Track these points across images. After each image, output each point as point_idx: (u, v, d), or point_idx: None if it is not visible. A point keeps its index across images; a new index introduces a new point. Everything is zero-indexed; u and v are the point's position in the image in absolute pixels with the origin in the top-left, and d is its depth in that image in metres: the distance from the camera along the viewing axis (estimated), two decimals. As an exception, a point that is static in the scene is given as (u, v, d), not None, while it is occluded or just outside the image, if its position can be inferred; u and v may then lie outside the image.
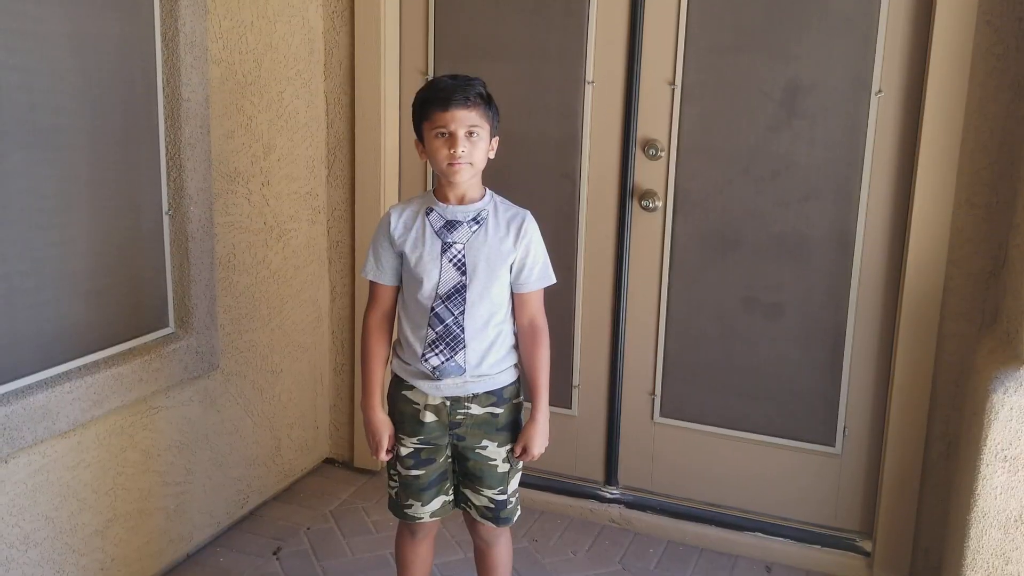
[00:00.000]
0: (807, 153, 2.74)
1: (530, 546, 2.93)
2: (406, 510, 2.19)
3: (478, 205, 2.07)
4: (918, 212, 2.57)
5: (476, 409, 2.10)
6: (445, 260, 2.03)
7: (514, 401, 2.16)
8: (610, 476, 3.14)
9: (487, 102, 2.05)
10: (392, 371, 2.18)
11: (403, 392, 2.13)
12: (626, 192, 2.95)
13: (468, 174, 2.03)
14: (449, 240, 2.04)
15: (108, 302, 2.45)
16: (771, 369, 2.89)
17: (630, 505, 3.08)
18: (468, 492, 2.18)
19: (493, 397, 2.11)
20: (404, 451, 2.14)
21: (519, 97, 3.02)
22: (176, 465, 2.69)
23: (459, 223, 2.05)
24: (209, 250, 2.71)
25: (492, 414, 2.11)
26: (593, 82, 2.94)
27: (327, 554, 2.85)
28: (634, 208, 2.96)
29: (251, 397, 2.99)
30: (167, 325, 2.65)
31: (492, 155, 2.08)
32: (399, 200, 3.21)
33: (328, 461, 3.46)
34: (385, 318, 2.15)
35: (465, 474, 2.16)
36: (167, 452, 2.65)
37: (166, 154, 2.57)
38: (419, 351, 2.06)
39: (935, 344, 2.61)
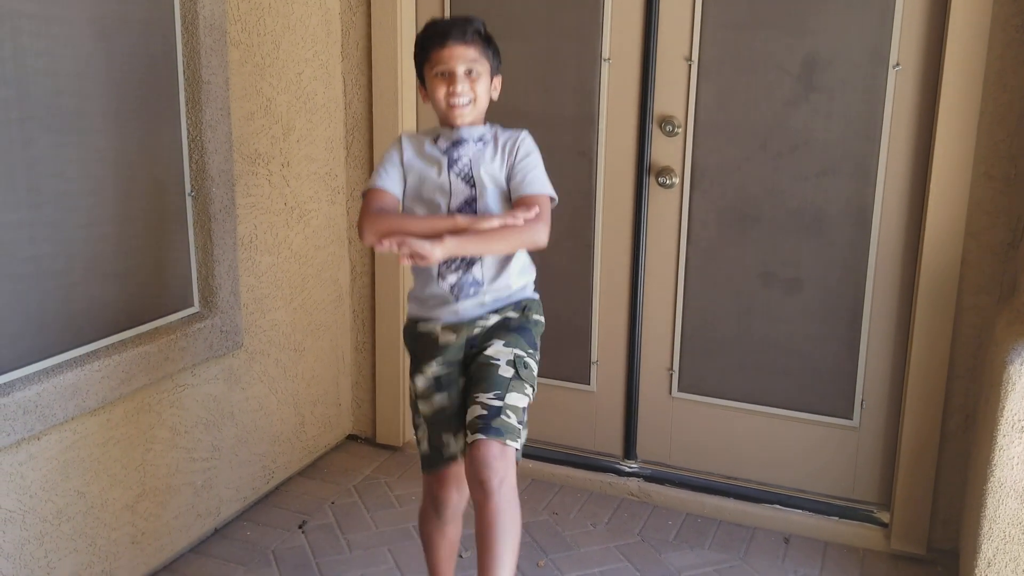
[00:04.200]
0: (824, 128, 2.74)
1: (550, 519, 2.98)
2: (444, 450, 2.09)
3: (482, 129, 2.09)
4: (936, 185, 2.57)
5: (493, 319, 2.09)
6: (452, 174, 2.04)
7: (534, 315, 2.12)
8: (629, 450, 3.18)
9: (486, 40, 2.05)
10: (408, 316, 2.17)
11: (418, 326, 2.11)
12: (643, 169, 2.97)
13: (470, 115, 2.04)
14: (455, 155, 2.05)
15: (134, 282, 2.50)
16: (789, 343, 2.91)
17: (649, 479, 3.12)
18: (467, 411, 2.01)
19: (510, 308, 2.10)
20: (424, 383, 2.08)
21: (536, 75, 3.03)
22: (203, 441, 2.75)
23: (465, 141, 2.07)
24: (232, 231, 2.75)
25: (507, 318, 2.09)
26: (609, 59, 2.95)
27: (351, 527, 2.91)
28: (651, 185, 2.97)
29: (275, 375, 3.04)
30: (192, 305, 2.70)
31: (495, 95, 2.10)
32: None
33: (351, 437, 3.51)
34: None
35: (468, 385, 2.06)
36: (194, 429, 2.71)
37: (188, 136, 2.61)
38: (434, 272, 2.05)
39: (953, 317, 2.62)
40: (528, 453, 3.23)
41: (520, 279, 2.12)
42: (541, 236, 2.00)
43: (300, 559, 2.73)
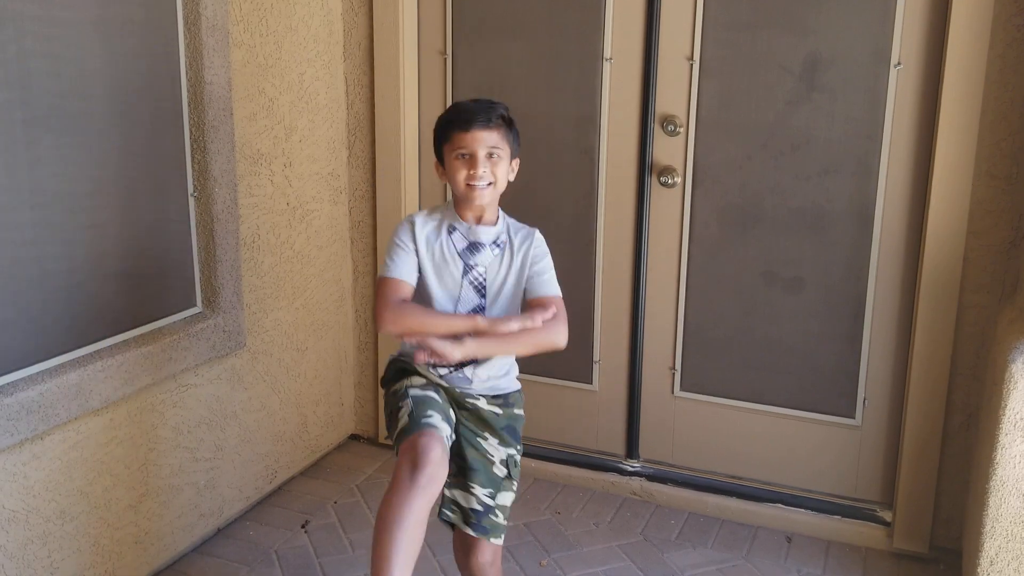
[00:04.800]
0: (826, 127, 2.75)
1: (552, 518, 2.98)
2: (425, 419, 1.96)
3: (497, 228, 2.08)
4: (937, 184, 2.57)
5: (483, 403, 2.11)
6: (466, 281, 2.05)
7: (516, 410, 2.16)
8: (631, 449, 3.18)
9: (508, 125, 2.06)
10: (397, 354, 2.16)
11: (407, 365, 2.11)
12: (645, 168, 2.97)
13: (488, 196, 2.03)
14: (472, 262, 2.05)
15: (137, 283, 2.50)
16: (791, 342, 2.91)
17: (651, 478, 3.12)
18: (458, 493, 2.10)
19: (499, 399, 2.13)
20: (422, 382, 2.07)
21: (537, 75, 3.04)
22: (205, 441, 2.75)
23: (482, 245, 2.06)
24: (234, 231, 2.76)
25: (495, 413, 2.12)
26: (611, 59, 2.95)
27: (354, 527, 2.91)
28: (653, 184, 2.97)
29: (277, 375, 3.05)
30: (195, 305, 2.70)
31: (512, 178, 2.09)
32: (420, 204, 3.24)
33: (353, 437, 3.52)
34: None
35: (460, 469, 2.09)
36: (197, 429, 2.71)
37: (190, 137, 2.62)
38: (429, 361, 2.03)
39: (955, 315, 2.62)
40: (530, 453, 3.24)
41: (507, 371, 2.15)
42: (560, 337, 2.03)
43: (303, 559, 2.74)
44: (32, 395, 2.16)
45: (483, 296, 2.06)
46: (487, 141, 2.00)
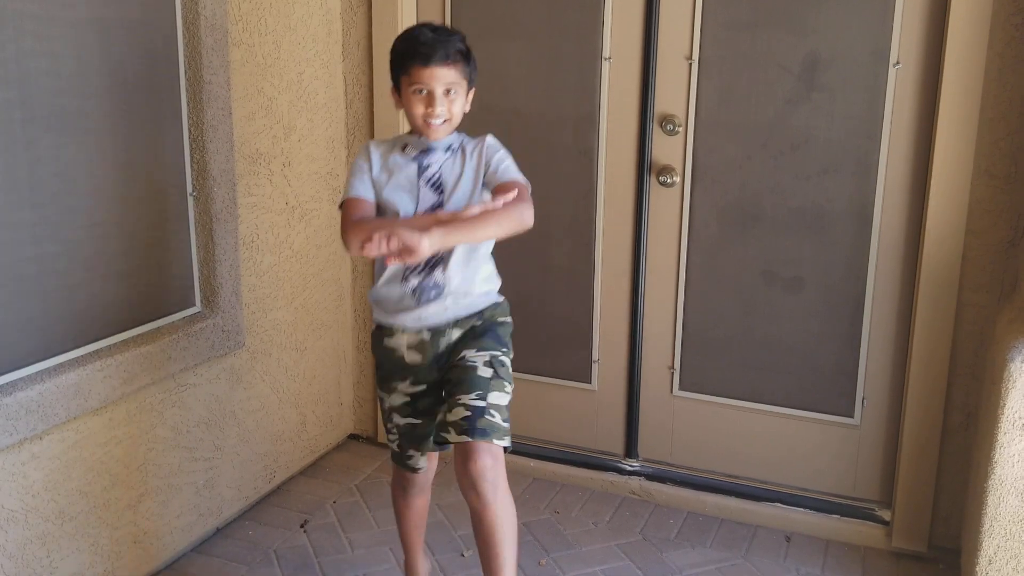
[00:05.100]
0: (826, 127, 2.75)
1: (551, 518, 2.98)
2: (408, 461, 2.25)
3: (450, 138, 2.10)
4: (936, 183, 2.57)
5: (456, 333, 2.11)
6: (422, 182, 2.05)
7: (499, 318, 2.14)
8: (630, 449, 3.18)
9: (466, 58, 2.05)
10: (374, 321, 2.20)
11: (384, 342, 2.14)
12: (644, 168, 2.97)
13: (444, 132, 2.06)
14: (425, 163, 2.07)
15: (136, 282, 2.50)
16: (790, 342, 2.91)
17: (650, 477, 3.12)
18: (446, 412, 2.04)
19: (473, 319, 2.12)
20: (399, 400, 2.16)
21: (536, 75, 3.04)
22: (205, 441, 2.75)
23: (434, 149, 2.08)
24: (233, 230, 2.75)
25: (472, 326, 2.12)
26: (610, 58, 2.95)
27: (353, 527, 2.91)
28: (652, 184, 2.97)
29: (276, 374, 3.05)
30: (194, 304, 2.70)
31: (468, 108, 2.11)
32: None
33: (352, 437, 3.52)
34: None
35: (447, 390, 2.08)
36: (196, 428, 2.71)
37: (189, 136, 2.61)
38: (399, 275, 2.07)
39: (954, 315, 2.62)
40: (529, 452, 3.24)
41: (483, 286, 2.14)
42: (527, 215, 1.98)
43: (302, 558, 2.74)
44: (31, 395, 2.16)
45: (440, 193, 2.05)
46: (445, 78, 2.00)
